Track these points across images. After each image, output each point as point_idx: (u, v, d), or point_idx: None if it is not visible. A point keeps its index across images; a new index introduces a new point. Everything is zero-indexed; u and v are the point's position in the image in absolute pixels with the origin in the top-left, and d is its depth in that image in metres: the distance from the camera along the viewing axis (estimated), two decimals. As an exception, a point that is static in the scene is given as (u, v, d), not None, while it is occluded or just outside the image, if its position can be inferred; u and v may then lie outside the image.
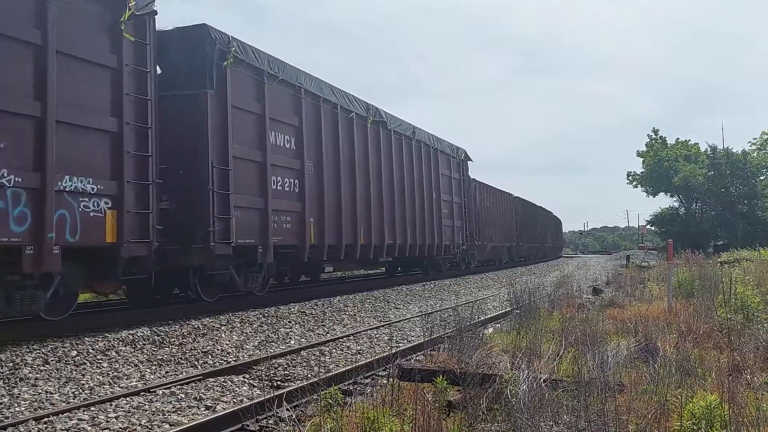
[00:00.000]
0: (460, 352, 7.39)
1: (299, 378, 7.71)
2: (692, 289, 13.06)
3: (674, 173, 47.62)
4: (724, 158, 46.77)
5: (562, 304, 12.61)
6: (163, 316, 11.31)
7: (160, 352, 9.03)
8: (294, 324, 11.90)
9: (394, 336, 10.88)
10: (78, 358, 8.26)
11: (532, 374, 5.39)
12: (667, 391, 5.31)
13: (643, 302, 12.73)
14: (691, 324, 8.84)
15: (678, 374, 5.94)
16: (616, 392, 5.23)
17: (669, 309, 11.09)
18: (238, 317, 11.81)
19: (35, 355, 8.11)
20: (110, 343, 9.04)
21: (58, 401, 6.63)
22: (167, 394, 6.91)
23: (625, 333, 8.53)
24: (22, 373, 7.44)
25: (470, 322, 9.27)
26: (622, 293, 15.02)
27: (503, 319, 12.32)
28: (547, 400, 4.93)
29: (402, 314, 14.00)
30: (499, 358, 6.93)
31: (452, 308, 12.84)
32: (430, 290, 19.58)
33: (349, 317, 13.22)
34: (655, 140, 51.80)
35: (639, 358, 6.99)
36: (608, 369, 5.81)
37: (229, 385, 7.39)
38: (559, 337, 7.94)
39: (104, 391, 7.10)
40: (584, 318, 9.87)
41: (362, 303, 15.25)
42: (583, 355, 6.43)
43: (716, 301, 10.14)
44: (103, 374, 7.77)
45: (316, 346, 9.85)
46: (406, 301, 16.52)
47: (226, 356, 9.10)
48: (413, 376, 6.15)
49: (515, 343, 7.87)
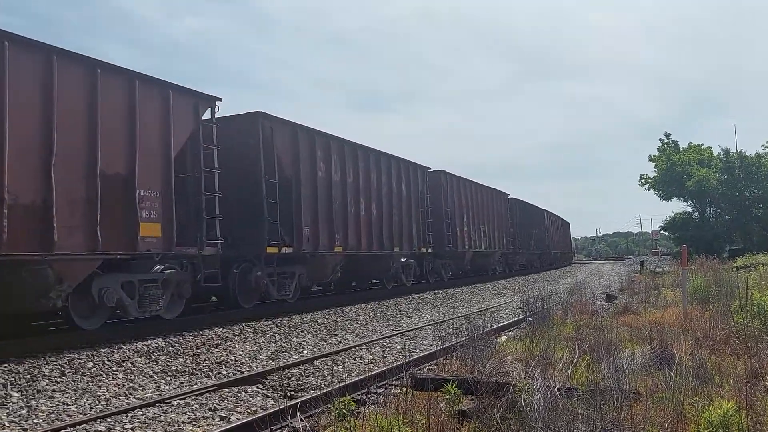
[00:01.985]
0: (473, 361, 7.37)
1: (312, 388, 7.72)
2: (707, 294, 12.94)
3: (687, 177, 47.29)
4: (738, 161, 46.36)
5: (575, 311, 12.55)
6: (177, 326, 11.36)
7: (175, 363, 9.07)
8: (306, 333, 11.92)
9: (406, 345, 10.86)
10: (94, 370, 8.32)
11: (546, 383, 5.36)
12: (683, 398, 5.27)
13: (657, 308, 12.64)
14: (707, 330, 8.76)
15: (694, 381, 5.89)
16: (632, 400, 5.20)
17: (684, 315, 10.99)
18: (251, 327, 11.84)
19: (52, 366, 8.18)
20: (125, 354, 9.09)
21: (75, 413, 6.68)
22: (182, 404, 6.94)
23: (640, 340, 8.48)
24: (40, 385, 7.51)
25: (483, 330, 9.24)
26: (636, 300, 14.92)
27: (516, 326, 12.27)
28: (561, 408, 4.90)
29: (414, 323, 13.98)
30: (512, 367, 6.90)
31: (464, 316, 12.80)
32: (442, 298, 19.54)
33: (361, 326, 13.22)
34: (667, 144, 51.52)
35: (654, 365, 6.93)
36: (623, 377, 5.76)
37: (243, 395, 7.41)
38: (572, 345, 7.89)
39: (120, 402, 7.14)
40: (598, 325, 9.82)
41: (374, 312, 15.25)
42: (597, 362, 6.40)
43: (732, 306, 10.05)
44: (119, 385, 7.81)
45: (328, 356, 9.85)
46: (417, 310, 16.50)
47: (240, 366, 9.13)
48: (426, 385, 6.14)
49: (528, 351, 7.83)
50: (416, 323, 13.86)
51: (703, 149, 51.20)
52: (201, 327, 11.52)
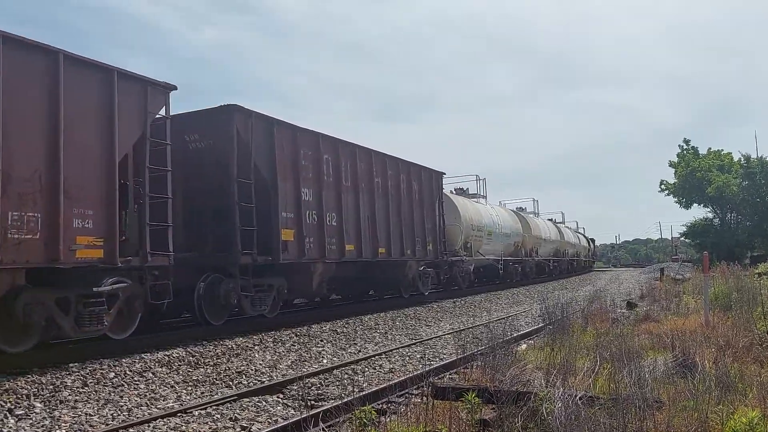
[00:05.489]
0: (494, 370, 7.34)
1: (333, 397, 7.73)
2: (729, 301, 12.79)
3: (707, 184, 46.86)
4: (759, 167, 45.90)
5: (595, 319, 12.47)
6: (197, 336, 11.44)
7: (195, 373, 9.13)
8: (326, 343, 11.94)
9: (426, 354, 10.85)
10: (116, 380, 8.39)
11: (568, 391, 5.34)
12: (707, 407, 5.21)
13: (679, 316, 12.52)
14: (730, 338, 8.67)
15: (718, 390, 5.83)
16: (655, 409, 5.15)
17: (706, 323, 10.88)
18: (271, 337, 11.89)
19: (74, 377, 8.26)
20: (147, 365, 9.17)
21: (98, 423, 6.74)
22: (203, 414, 6.98)
23: (662, 348, 8.40)
24: (62, 396, 7.58)
25: (503, 338, 9.21)
26: (657, 307, 14.77)
27: (536, 335, 12.21)
28: (583, 418, 4.88)
29: (433, 332, 13.96)
30: (533, 375, 6.87)
31: (484, 325, 12.76)
32: (461, 307, 19.49)
33: (381, 335, 13.22)
34: (687, 150, 51.12)
35: (677, 373, 6.87)
36: (645, 385, 5.72)
37: (264, 405, 7.43)
38: (593, 353, 7.84)
39: (142, 412, 7.19)
40: (619, 333, 9.74)
41: (393, 321, 15.25)
42: (619, 371, 6.35)
43: (755, 313, 9.94)
44: (141, 395, 7.87)
45: (348, 365, 9.86)
46: (437, 318, 16.47)
47: (260, 376, 9.16)
48: (447, 395, 6.13)
49: (549, 360, 7.79)
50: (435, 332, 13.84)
51: (723, 155, 50.76)
52: (221, 336, 11.58)
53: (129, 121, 10.24)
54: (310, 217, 14.60)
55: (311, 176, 14.84)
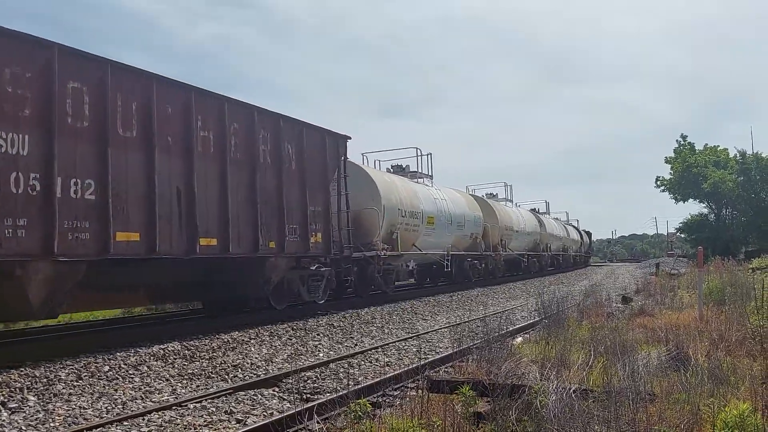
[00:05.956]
0: (489, 363, 7.37)
1: (329, 390, 7.75)
2: (723, 296, 12.86)
3: (703, 179, 47.05)
4: (754, 163, 46.09)
5: (591, 314, 12.51)
6: (193, 330, 11.44)
7: (191, 366, 9.13)
8: (322, 337, 11.96)
9: (422, 347, 10.87)
10: (110, 373, 8.39)
11: (562, 384, 5.36)
12: (699, 400, 5.25)
13: (673, 310, 12.58)
14: (723, 332, 8.72)
15: (710, 383, 5.87)
16: (647, 402, 5.19)
17: (700, 317, 10.94)
18: (267, 330, 11.90)
19: (68, 370, 8.26)
20: (141, 358, 9.17)
21: (92, 416, 6.74)
22: (198, 408, 6.98)
23: (656, 341, 8.45)
24: (56, 389, 7.58)
25: (498, 332, 9.24)
26: (651, 301, 14.85)
27: (532, 329, 12.25)
28: (577, 410, 4.90)
29: (430, 325, 13.99)
30: (528, 369, 6.90)
31: (480, 319, 12.80)
32: (457, 301, 19.54)
33: (377, 329, 13.24)
34: (684, 146, 51.26)
35: (670, 366, 6.91)
36: (639, 378, 5.76)
37: (260, 398, 7.45)
38: (588, 347, 7.88)
39: (137, 405, 7.20)
40: (614, 327, 9.79)
41: (390, 315, 15.27)
42: (613, 364, 6.38)
43: (748, 308, 9.98)
44: (136, 389, 7.88)
45: (344, 359, 9.88)
46: (434, 312, 16.50)
47: (256, 369, 9.18)
48: (442, 388, 6.15)
49: (544, 353, 7.83)
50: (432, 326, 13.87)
51: (719, 151, 50.97)
52: (217, 330, 11.59)
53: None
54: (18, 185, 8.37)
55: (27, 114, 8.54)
